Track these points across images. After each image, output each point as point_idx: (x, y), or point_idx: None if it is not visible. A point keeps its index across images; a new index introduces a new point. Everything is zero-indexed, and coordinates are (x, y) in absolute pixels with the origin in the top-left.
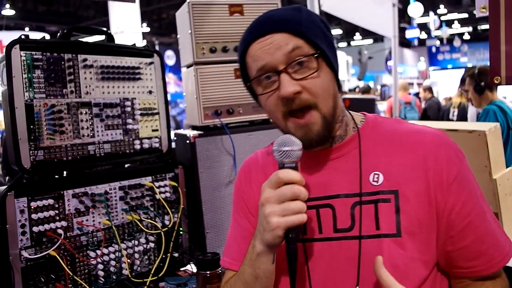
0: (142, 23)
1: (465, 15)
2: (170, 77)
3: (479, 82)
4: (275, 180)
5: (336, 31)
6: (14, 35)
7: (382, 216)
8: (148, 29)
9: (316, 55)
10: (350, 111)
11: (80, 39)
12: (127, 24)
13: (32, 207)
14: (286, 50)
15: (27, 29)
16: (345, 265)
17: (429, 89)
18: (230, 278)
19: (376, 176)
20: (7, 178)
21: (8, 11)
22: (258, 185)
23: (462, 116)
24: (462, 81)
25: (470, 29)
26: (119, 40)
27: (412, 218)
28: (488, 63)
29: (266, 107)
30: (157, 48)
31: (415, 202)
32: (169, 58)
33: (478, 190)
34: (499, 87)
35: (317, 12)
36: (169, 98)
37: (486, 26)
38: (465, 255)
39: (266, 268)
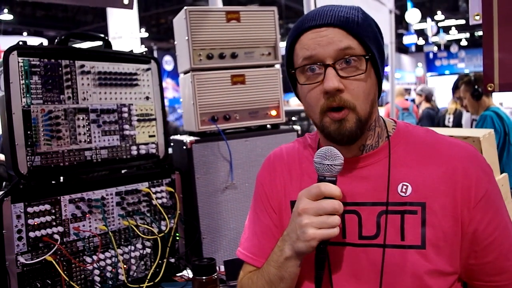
0: (140, 28)
1: (462, 21)
2: (168, 82)
3: (477, 88)
4: (315, 192)
5: None
6: (12, 40)
7: (408, 227)
8: (146, 34)
9: (366, 58)
10: (383, 117)
11: (78, 45)
12: (125, 29)
13: (29, 213)
14: (338, 47)
15: (25, 34)
16: (368, 272)
17: (426, 98)
18: (250, 273)
19: (404, 187)
20: (4, 183)
21: (6, 16)
22: (282, 182)
23: (458, 122)
24: (455, 88)
25: (467, 35)
26: (117, 45)
27: (438, 231)
28: None
29: (305, 99)
30: (155, 53)
31: (442, 216)
32: (167, 63)
33: (503, 206)
34: (495, 93)
35: None
36: (167, 103)
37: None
38: (488, 270)
39: (292, 271)
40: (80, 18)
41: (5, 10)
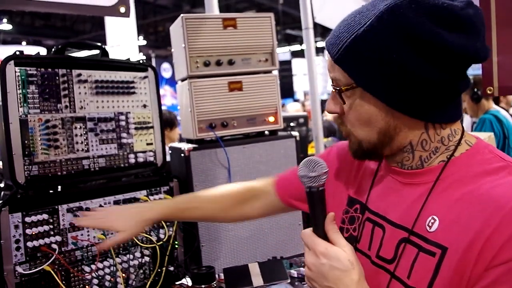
0: (138, 36)
1: None
2: (166, 89)
3: (476, 91)
4: (320, 252)
5: None
6: (11, 49)
7: (418, 267)
8: (144, 42)
9: (348, 88)
10: (466, 133)
11: (75, 54)
12: (123, 38)
13: (27, 222)
14: (330, 74)
15: (24, 43)
16: None
17: None
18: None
19: (432, 221)
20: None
21: (5, 26)
22: (348, 172)
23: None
24: None
25: None
26: (116, 53)
27: (446, 282)
28: None
29: None
30: (153, 60)
31: (456, 265)
32: (166, 70)
33: None
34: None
35: (310, 23)
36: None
37: None
38: None
39: None
40: (78, 27)
41: (4, 20)
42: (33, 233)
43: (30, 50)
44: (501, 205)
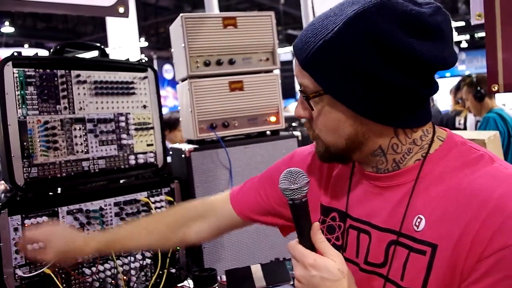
0: (140, 38)
1: (462, 23)
2: (168, 90)
3: (479, 90)
4: (309, 264)
5: None
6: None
7: (410, 268)
8: (146, 44)
9: (314, 95)
10: (436, 128)
11: (77, 55)
12: (125, 39)
13: (26, 225)
14: (298, 80)
15: (26, 45)
16: None
17: None
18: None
19: (418, 220)
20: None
21: (7, 29)
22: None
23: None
24: (456, 89)
25: (467, 37)
26: (117, 55)
27: (440, 279)
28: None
29: None
30: (155, 62)
31: (448, 261)
32: (167, 72)
33: None
34: (497, 94)
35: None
36: (168, 111)
37: (483, 34)
38: None
39: None
40: (80, 29)
41: (6, 23)
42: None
43: (32, 52)
44: (485, 199)
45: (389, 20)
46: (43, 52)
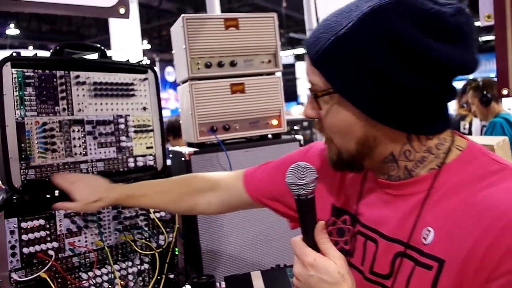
0: (142, 40)
1: None
2: (170, 93)
3: (486, 94)
4: (309, 262)
5: None
6: None
7: (414, 282)
8: (148, 46)
9: (324, 94)
10: (455, 137)
11: (78, 56)
12: (127, 42)
13: (23, 228)
14: (308, 78)
15: (31, 47)
16: None
17: None
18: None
19: (426, 232)
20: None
21: (12, 31)
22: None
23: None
24: (462, 93)
25: None
26: (120, 57)
27: None
28: (490, 75)
29: None
30: (157, 64)
31: (454, 279)
32: (170, 74)
33: None
34: (503, 99)
35: (314, 25)
36: (169, 114)
37: (487, 38)
38: None
39: None
40: (84, 31)
41: (12, 25)
42: (29, 238)
43: (33, 53)
44: (499, 215)
45: (406, 18)
46: (46, 54)
